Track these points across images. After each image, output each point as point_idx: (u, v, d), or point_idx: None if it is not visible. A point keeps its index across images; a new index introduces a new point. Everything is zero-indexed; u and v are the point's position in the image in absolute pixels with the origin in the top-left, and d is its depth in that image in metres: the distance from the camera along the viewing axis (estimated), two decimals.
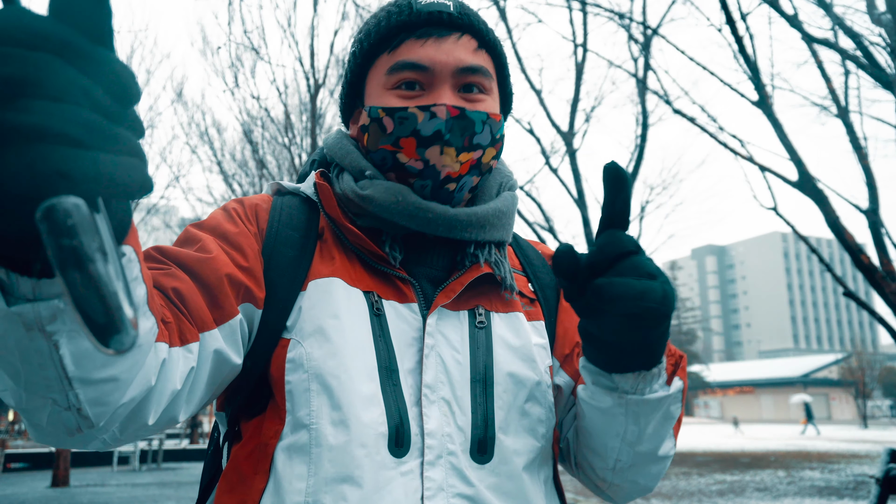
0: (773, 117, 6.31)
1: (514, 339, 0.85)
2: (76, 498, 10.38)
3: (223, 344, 0.71)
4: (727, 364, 77.04)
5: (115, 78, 0.38)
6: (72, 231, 0.33)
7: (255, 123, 13.78)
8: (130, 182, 0.37)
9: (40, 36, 0.35)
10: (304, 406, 0.74)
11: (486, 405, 0.80)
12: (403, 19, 0.84)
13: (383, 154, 0.84)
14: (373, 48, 0.87)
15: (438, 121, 0.80)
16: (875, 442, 22.75)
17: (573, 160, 15.40)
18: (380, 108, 0.83)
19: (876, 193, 6.38)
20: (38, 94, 0.34)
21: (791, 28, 6.27)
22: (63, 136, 0.35)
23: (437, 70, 0.83)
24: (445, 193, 0.83)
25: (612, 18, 9.76)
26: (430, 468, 0.75)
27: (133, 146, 0.38)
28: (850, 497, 9.38)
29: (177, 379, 0.63)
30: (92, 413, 0.53)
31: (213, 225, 0.81)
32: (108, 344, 0.35)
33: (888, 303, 5.61)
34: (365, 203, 0.83)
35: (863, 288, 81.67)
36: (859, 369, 41.34)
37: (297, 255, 0.82)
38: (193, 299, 0.69)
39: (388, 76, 0.84)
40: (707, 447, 21.06)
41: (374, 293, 0.81)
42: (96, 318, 0.34)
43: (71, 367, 0.49)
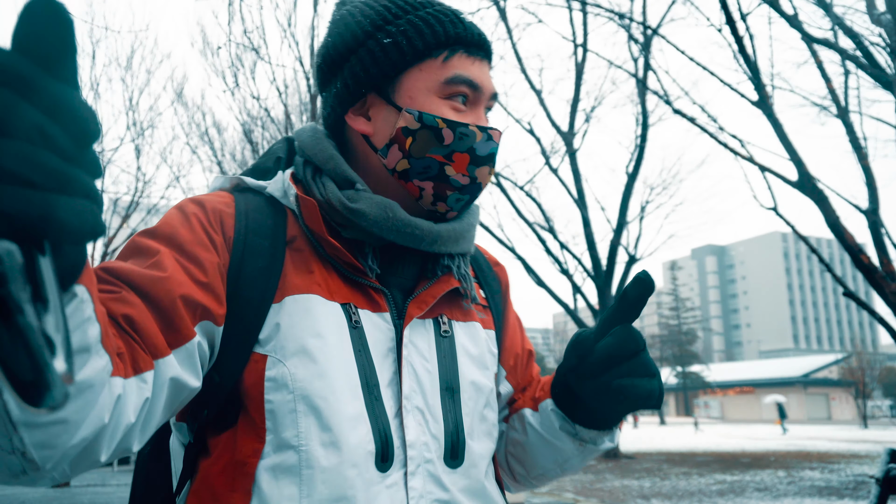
0: (773, 117, 6.31)
1: (473, 347, 0.90)
2: (76, 498, 10.39)
3: (179, 370, 0.68)
4: (727, 364, 77.02)
5: (74, 117, 0.36)
6: (1, 279, 0.31)
7: (256, 123, 13.79)
8: (81, 226, 0.36)
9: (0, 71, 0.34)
10: (291, 427, 0.73)
11: (456, 412, 0.83)
12: (459, 31, 0.84)
13: (429, 163, 0.83)
14: (423, 49, 0.83)
15: (494, 144, 0.85)
16: (875, 442, 22.75)
17: (573, 160, 15.40)
18: (439, 117, 0.82)
19: (876, 193, 6.38)
20: None
21: (791, 28, 6.27)
22: (11, 175, 0.33)
23: (483, 92, 0.86)
24: (468, 206, 0.88)
25: (612, 18, 9.76)
26: (412, 478, 0.77)
27: (87, 188, 0.37)
28: (850, 497, 9.38)
29: (130, 412, 0.60)
30: (38, 456, 0.51)
31: (168, 233, 0.74)
32: (35, 403, 0.33)
33: (888, 303, 5.62)
34: (354, 216, 0.81)
35: (863, 288, 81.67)
36: (859, 369, 41.31)
37: (267, 265, 0.79)
38: (146, 325, 0.65)
39: (444, 85, 0.83)
40: (707, 447, 21.07)
41: (351, 304, 0.81)
42: (22, 376, 0.32)
43: (15, 412, 0.47)
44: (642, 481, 11.66)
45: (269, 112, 13.14)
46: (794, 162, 6.21)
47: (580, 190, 15.26)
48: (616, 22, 9.96)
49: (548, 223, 15.57)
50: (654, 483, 11.43)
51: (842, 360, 53.34)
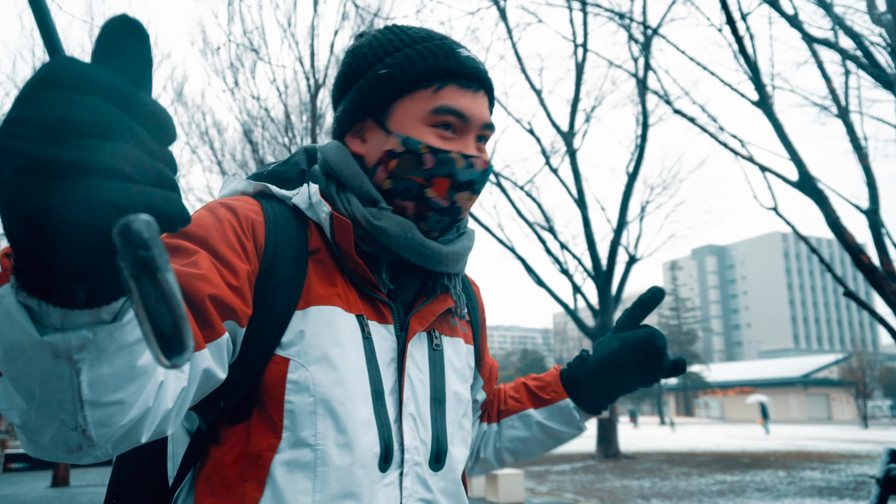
0: (774, 117, 6.31)
1: (457, 361, 0.99)
2: (76, 498, 10.39)
3: (211, 362, 0.73)
4: (727, 364, 77.02)
5: (155, 119, 0.41)
6: (147, 244, 0.36)
7: (256, 123, 13.79)
8: (172, 214, 0.40)
9: (89, 81, 0.38)
10: (309, 427, 0.80)
11: (441, 421, 0.92)
12: (451, 65, 0.90)
13: (410, 184, 0.89)
14: (414, 80, 0.90)
15: (475, 172, 0.90)
16: (875, 442, 22.75)
17: (573, 160, 15.39)
18: (422, 143, 0.88)
19: (876, 193, 6.38)
20: (89, 133, 0.38)
21: (791, 28, 6.27)
22: (113, 171, 0.38)
23: (472, 122, 0.91)
24: (451, 229, 0.94)
25: (613, 18, 9.76)
26: (405, 478, 0.85)
27: (172, 181, 0.41)
28: (850, 497, 9.38)
29: (169, 399, 0.65)
30: (95, 434, 0.55)
31: (202, 237, 0.78)
32: (170, 356, 0.37)
33: (888, 303, 5.61)
34: (376, 233, 0.88)
35: (863, 288, 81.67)
36: (859, 369, 41.32)
37: (293, 274, 0.85)
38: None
39: (431, 114, 0.89)
40: (707, 447, 21.07)
41: (363, 316, 0.88)
42: (165, 330, 0.37)
43: (86, 392, 0.51)
44: (642, 481, 11.66)
45: (269, 112, 13.15)
46: (795, 162, 6.21)
47: (580, 190, 15.26)
48: (616, 22, 9.95)
49: (548, 223, 15.56)
50: (654, 483, 11.43)
51: (842, 361, 53.33)
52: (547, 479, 12.23)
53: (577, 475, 12.88)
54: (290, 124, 12.74)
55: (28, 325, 0.46)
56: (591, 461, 15.77)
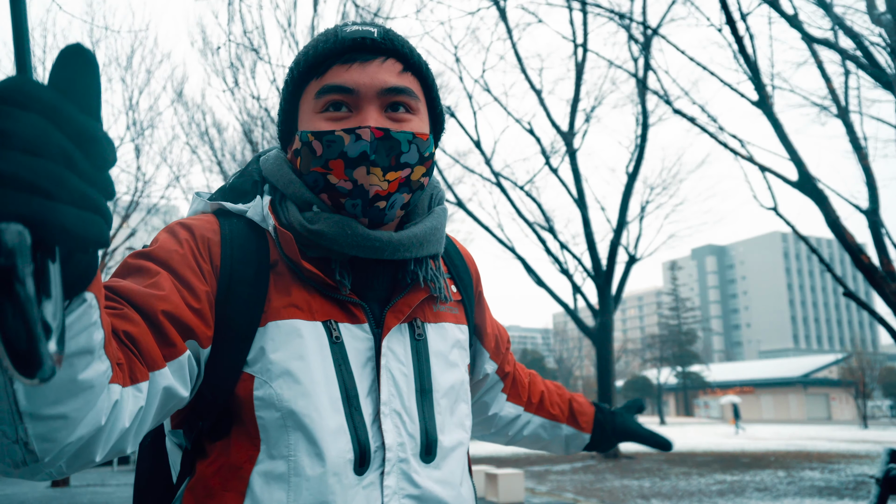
0: (773, 117, 6.31)
1: (443, 347, 0.96)
2: (76, 498, 10.39)
3: (172, 380, 0.73)
4: (727, 364, 76.99)
5: (94, 145, 0.42)
6: (9, 253, 0.36)
7: (256, 123, 13.79)
8: (86, 236, 0.41)
9: (34, 99, 0.40)
10: (282, 439, 0.81)
11: (429, 412, 0.90)
12: (329, 47, 0.89)
13: (315, 176, 0.88)
14: (302, 76, 0.91)
15: (364, 142, 0.85)
16: (875, 442, 22.75)
17: (573, 160, 15.38)
18: (309, 132, 0.88)
19: (876, 193, 6.38)
20: (17, 146, 0.39)
21: (791, 28, 6.28)
22: (30, 185, 0.38)
23: (362, 92, 0.87)
24: (376, 211, 0.88)
25: (612, 18, 9.76)
26: (387, 477, 0.85)
27: (97, 205, 0.42)
28: (850, 497, 9.38)
29: (126, 418, 0.65)
30: (38, 448, 0.55)
31: (164, 258, 0.80)
32: (28, 374, 0.37)
33: (888, 303, 5.62)
34: (314, 237, 0.86)
35: (863, 288, 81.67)
36: (859, 369, 41.27)
37: (252, 292, 0.84)
38: (145, 340, 0.70)
39: (317, 100, 0.89)
40: (707, 447, 21.06)
41: (331, 321, 0.86)
42: (18, 345, 0.36)
43: (23, 402, 0.52)
44: (642, 481, 11.66)
45: (269, 112, 13.14)
46: (794, 162, 6.21)
47: (580, 190, 15.26)
48: (616, 22, 9.95)
49: (548, 223, 15.56)
50: (654, 483, 11.43)
51: (842, 360, 53.31)
52: (547, 479, 12.23)
53: (577, 475, 12.88)
54: None
55: None
56: (590, 461, 15.77)
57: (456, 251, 1.10)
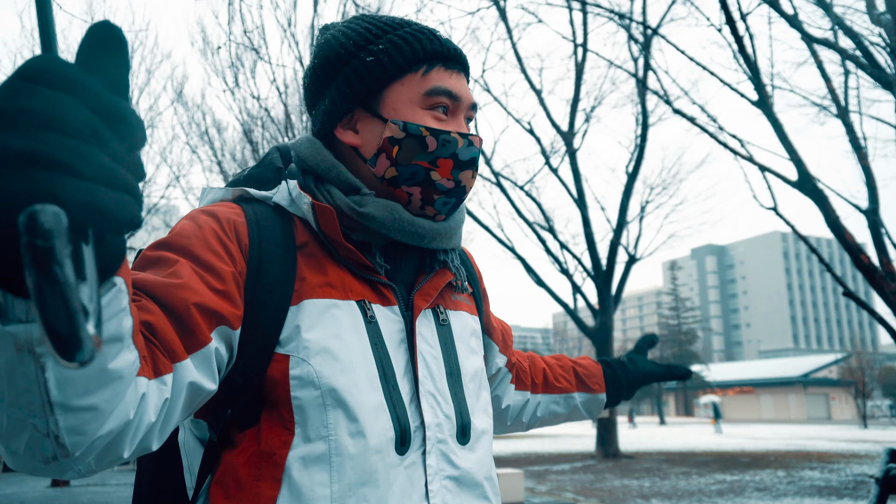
0: (773, 117, 6.31)
1: (464, 334, 0.99)
2: (76, 498, 10.39)
3: (196, 373, 0.71)
4: (727, 364, 76.96)
5: (124, 124, 0.42)
6: (47, 234, 0.35)
7: (256, 123, 13.78)
8: (119, 216, 0.40)
9: (63, 78, 0.39)
10: (320, 419, 0.80)
11: (461, 394, 0.92)
12: (436, 48, 0.92)
13: (415, 169, 0.89)
14: (403, 66, 0.91)
15: (475, 149, 0.92)
16: (875, 442, 22.75)
17: (573, 160, 15.38)
18: (422, 126, 0.89)
19: (876, 193, 6.38)
20: (49, 126, 0.38)
21: (791, 28, 6.27)
22: (62, 165, 0.38)
23: (462, 102, 0.93)
24: (456, 209, 0.95)
25: (612, 18, 9.76)
26: (429, 456, 0.85)
27: (129, 185, 0.41)
28: (849, 497, 9.38)
29: (151, 412, 0.64)
30: (69, 442, 0.54)
31: (183, 245, 0.78)
32: (68, 357, 0.36)
33: (888, 303, 5.62)
34: (363, 220, 0.88)
35: (863, 288, 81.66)
36: (859, 369, 41.28)
37: (282, 270, 0.84)
38: (165, 331, 0.69)
39: (425, 97, 0.90)
40: (707, 447, 21.07)
41: (365, 301, 0.88)
42: (59, 329, 0.36)
43: (54, 392, 0.51)
44: (642, 481, 11.66)
45: (269, 112, 13.14)
46: (794, 162, 6.21)
47: (580, 190, 15.25)
48: (616, 22, 9.95)
49: (548, 223, 15.56)
50: (654, 483, 11.43)
51: (841, 360, 53.31)
52: (547, 479, 12.23)
53: (577, 475, 12.88)
54: (290, 124, 12.73)
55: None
56: (590, 461, 15.77)
57: (460, 250, 1.14)
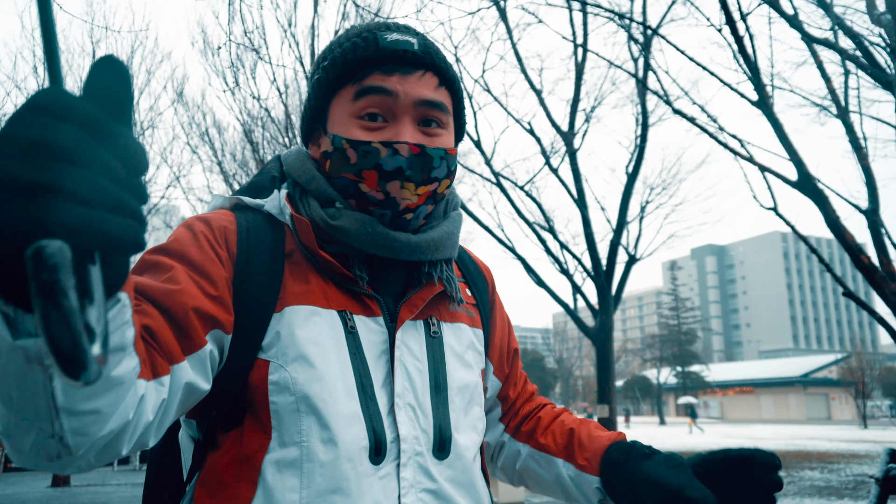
0: (773, 117, 6.31)
1: (458, 347, 0.97)
2: (77, 497, 10.39)
3: (192, 374, 0.75)
4: (727, 364, 76.99)
5: (128, 152, 0.44)
6: (52, 269, 0.38)
7: (256, 123, 13.78)
8: (125, 240, 0.43)
9: (69, 110, 0.41)
10: (294, 425, 0.81)
11: (443, 408, 0.90)
12: (370, 54, 0.88)
13: (345, 182, 0.89)
14: (338, 78, 0.90)
15: (401, 158, 0.86)
16: (875, 442, 22.74)
17: (573, 160, 15.37)
18: (344, 139, 0.88)
19: (876, 193, 6.38)
20: (58, 157, 0.40)
21: (791, 28, 6.28)
22: (71, 194, 0.40)
23: (400, 98, 0.88)
24: (403, 221, 0.90)
25: (612, 19, 9.76)
26: (404, 469, 0.84)
27: (133, 210, 0.44)
28: (849, 497, 9.38)
29: (149, 411, 0.67)
30: (72, 442, 0.57)
31: (179, 251, 0.82)
32: (74, 376, 0.39)
33: (888, 303, 5.62)
34: (335, 233, 0.88)
35: (863, 288, 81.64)
36: (859, 369, 41.27)
37: (268, 279, 0.86)
38: (163, 334, 0.72)
39: (353, 103, 0.89)
40: (707, 447, 21.05)
41: (346, 311, 0.88)
42: (63, 349, 0.39)
43: (60, 399, 0.54)
44: None
45: (270, 112, 13.14)
46: (794, 162, 6.21)
47: (580, 190, 15.26)
48: (616, 22, 9.95)
49: (548, 223, 15.56)
50: None
51: (841, 360, 53.31)
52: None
53: None
54: (290, 124, 12.73)
55: (2, 330, 0.48)
56: None
57: (469, 258, 1.11)
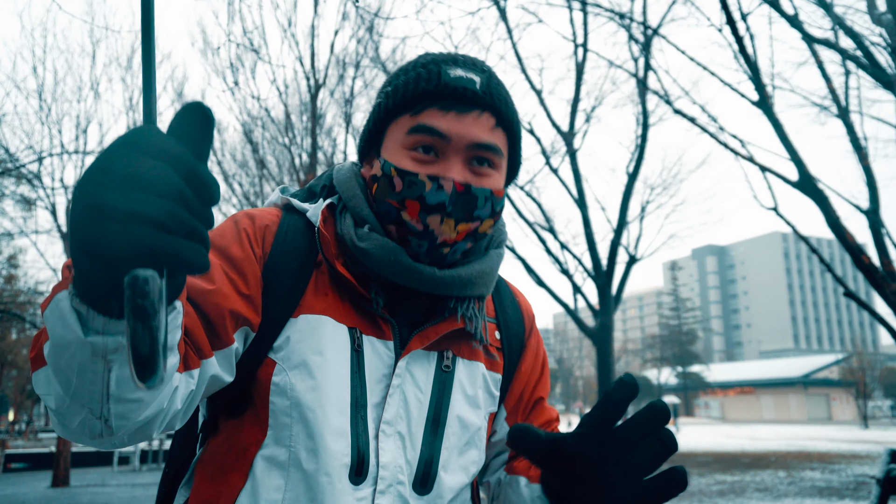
0: (774, 117, 6.31)
1: (469, 386, 0.95)
2: (76, 498, 10.39)
3: (218, 369, 0.81)
4: (727, 364, 76.98)
5: (204, 185, 0.49)
6: (145, 294, 0.45)
7: (256, 123, 13.78)
8: (194, 263, 0.48)
9: (160, 149, 0.48)
10: (287, 428, 0.85)
11: (435, 444, 0.90)
12: (430, 89, 0.88)
13: (388, 207, 0.90)
14: (397, 107, 0.91)
15: (444, 194, 0.87)
16: (875, 442, 22.74)
17: (573, 160, 15.37)
18: (393, 166, 0.89)
19: (876, 193, 6.38)
20: (147, 189, 0.46)
21: (791, 28, 6.27)
22: (157, 223, 0.46)
23: (453, 141, 0.88)
24: (439, 255, 0.90)
25: (613, 18, 9.75)
26: (381, 496, 0.84)
27: (202, 236, 0.49)
28: (850, 497, 9.37)
29: (179, 401, 0.73)
30: (115, 425, 0.65)
31: (222, 245, 0.87)
32: (143, 379, 0.47)
33: (888, 303, 5.61)
34: (359, 254, 0.89)
35: (863, 288, 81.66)
36: (860, 369, 41.25)
37: (292, 283, 0.89)
38: (196, 332, 0.77)
39: (408, 136, 0.89)
40: (707, 447, 21.05)
41: (357, 329, 0.89)
42: (143, 356, 0.46)
43: (113, 388, 0.61)
44: None
45: (270, 112, 13.14)
46: (795, 162, 6.21)
47: (580, 190, 15.25)
48: (616, 22, 9.95)
49: (548, 223, 15.55)
50: None
51: (842, 361, 53.29)
52: None
53: None
54: (290, 124, 12.73)
55: (76, 326, 0.56)
56: None
57: (511, 297, 1.08)
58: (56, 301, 0.57)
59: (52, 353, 0.60)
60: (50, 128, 13.72)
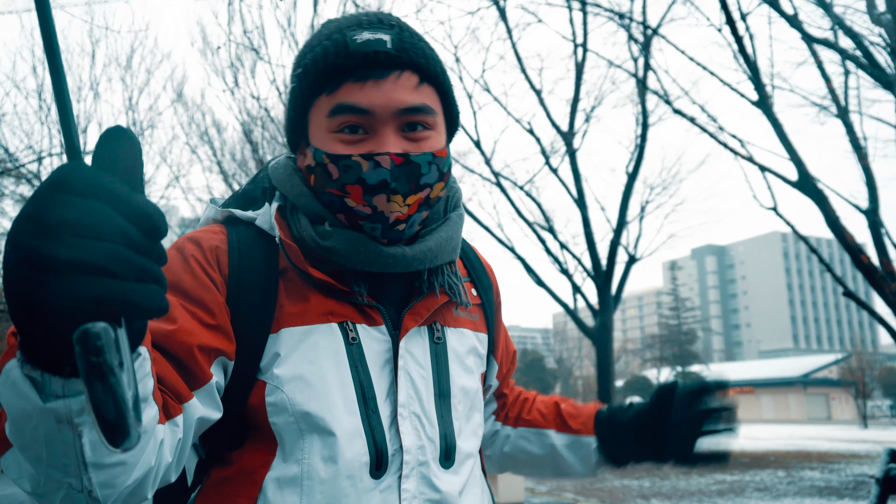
0: (773, 117, 6.31)
1: (461, 352, 0.95)
2: None
3: (202, 409, 0.76)
4: (727, 364, 76.95)
5: (146, 219, 0.45)
6: (99, 350, 0.41)
7: (255, 123, 13.79)
8: (150, 306, 0.45)
9: (90, 186, 0.43)
10: (296, 443, 0.81)
11: (448, 416, 0.89)
12: (340, 62, 0.83)
13: (331, 197, 0.86)
14: (312, 90, 0.86)
15: (383, 170, 0.82)
16: (875, 442, 22.74)
17: (573, 160, 15.38)
18: (324, 153, 0.84)
19: (876, 193, 6.38)
20: (84, 234, 0.42)
21: (791, 28, 6.28)
22: (100, 269, 0.42)
23: (378, 113, 0.82)
24: (396, 233, 0.86)
25: (612, 18, 9.76)
26: (406, 480, 0.83)
27: (155, 275, 0.45)
28: (850, 497, 9.38)
29: (168, 453, 0.69)
30: (101, 494, 0.59)
31: (172, 280, 0.79)
32: (115, 444, 0.42)
33: (888, 303, 5.62)
34: (327, 254, 0.85)
35: (863, 288, 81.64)
36: (859, 369, 41.23)
37: (261, 299, 0.84)
38: (169, 376, 0.72)
39: (330, 119, 0.84)
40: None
41: (347, 322, 0.86)
42: (108, 419, 0.42)
43: (89, 454, 0.55)
44: (642, 481, 11.66)
45: (269, 112, 13.14)
46: (794, 162, 6.21)
47: (580, 190, 15.25)
48: (616, 22, 9.95)
49: (548, 223, 15.55)
50: (654, 483, 11.43)
51: (842, 360, 53.29)
52: (547, 479, 12.22)
53: None
54: None
55: (33, 395, 0.51)
56: None
57: (475, 256, 1.08)
58: (6, 372, 0.52)
59: (13, 430, 0.55)
60: (50, 128, 13.75)
